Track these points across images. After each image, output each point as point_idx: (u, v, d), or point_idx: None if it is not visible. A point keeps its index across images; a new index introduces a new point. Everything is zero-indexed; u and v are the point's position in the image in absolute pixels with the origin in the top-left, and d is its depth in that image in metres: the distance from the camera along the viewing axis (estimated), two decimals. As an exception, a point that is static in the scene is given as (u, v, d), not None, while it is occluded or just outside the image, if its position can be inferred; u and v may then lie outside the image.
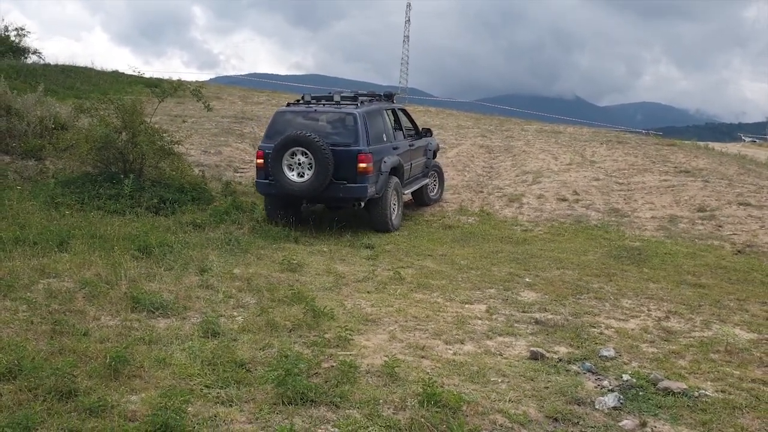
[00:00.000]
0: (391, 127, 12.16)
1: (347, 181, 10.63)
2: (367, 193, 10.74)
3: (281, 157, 10.51)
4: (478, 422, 4.58)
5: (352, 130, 10.82)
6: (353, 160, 10.61)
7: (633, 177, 16.13)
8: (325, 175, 10.38)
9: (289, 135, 10.54)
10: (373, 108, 11.67)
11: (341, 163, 10.51)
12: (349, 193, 10.74)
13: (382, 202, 11.13)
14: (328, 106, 11.37)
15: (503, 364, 5.80)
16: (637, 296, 8.27)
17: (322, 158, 10.34)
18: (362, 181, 10.65)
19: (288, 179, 10.54)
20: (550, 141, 21.22)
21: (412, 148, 12.82)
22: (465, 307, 7.46)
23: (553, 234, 12.18)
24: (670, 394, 5.26)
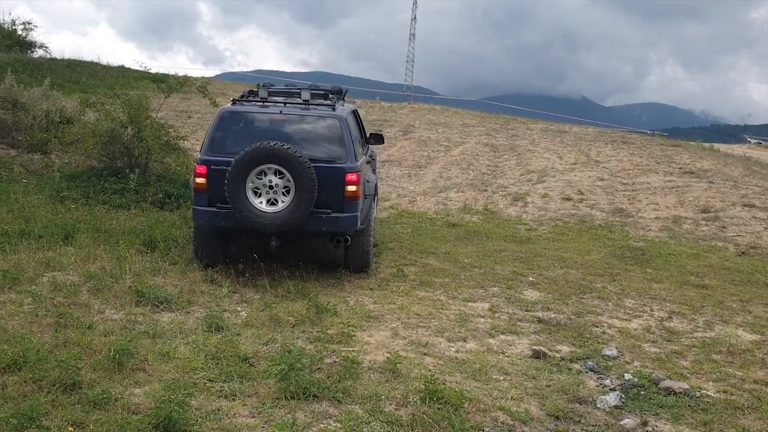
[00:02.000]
0: (358, 133, 9.23)
1: (331, 209, 7.70)
2: (357, 224, 7.89)
3: (245, 176, 7.41)
4: (480, 419, 4.60)
5: (338, 141, 7.94)
6: (340, 181, 7.69)
7: (638, 177, 16.12)
8: (308, 203, 7.46)
9: (259, 147, 7.42)
10: (350, 110, 9.08)
11: (323, 185, 7.54)
12: (335, 225, 7.79)
13: (365, 234, 8.34)
14: (295, 107, 8.33)
15: (505, 362, 5.82)
16: (640, 296, 8.27)
17: (306, 179, 7.39)
18: (351, 208, 7.78)
19: (254, 208, 7.45)
20: (556, 140, 21.20)
21: (371, 160, 9.80)
22: (468, 305, 7.48)
23: (557, 233, 12.18)
24: (672, 394, 5.28)
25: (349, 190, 7.68)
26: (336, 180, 7.64)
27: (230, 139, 7.90)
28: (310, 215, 7.54)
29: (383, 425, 4.34)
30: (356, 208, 7.80)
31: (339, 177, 7.65)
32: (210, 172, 7.63)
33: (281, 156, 7.37)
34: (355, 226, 7.84)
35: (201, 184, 7.69)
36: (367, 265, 8.47)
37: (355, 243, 8.24)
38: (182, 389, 4.45)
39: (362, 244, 8.32)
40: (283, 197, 7.51)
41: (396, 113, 25.82)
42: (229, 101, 8.65)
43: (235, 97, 8.74)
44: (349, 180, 7.67)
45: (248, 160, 7.36)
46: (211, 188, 7.62)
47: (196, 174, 7.72)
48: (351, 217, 7.75)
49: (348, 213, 7.72)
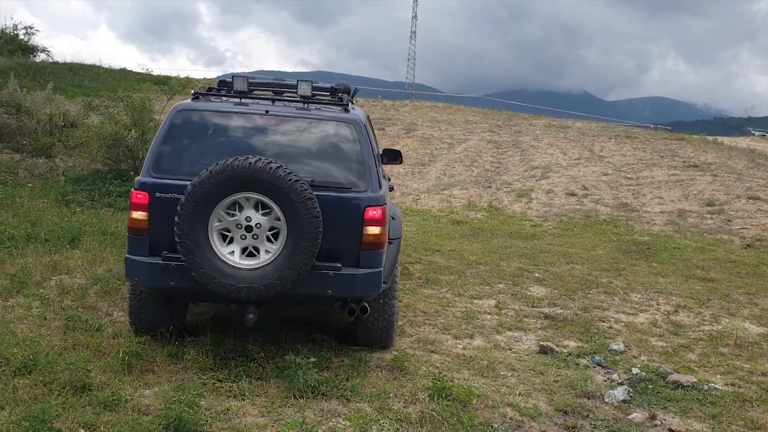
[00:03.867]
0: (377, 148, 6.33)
1: (342, 262, 5.06)
2: (380, 284, 5.21)
3: (207, 212, 4.83)
4: (488, 415, 4.61)
5: (353, 158, 5.27)
6: (356, 219, 5.08)
7: (641, 172, 16.11)
8: (308, 253, 4.84)
9: (230, 166, 4.77)
10: (367, 115, 6.28)
11: (330, 226, 4.95)
12: (347, 288, 5.13)
13: (387, 297, 5.64)
14: (289, 105, 5.64)
15: (513, 358, 5.83)
16: (646, 290, 8.27)
17: (305, 217, 4.81)
18: (372, 261, 5.14)
19: (222, 261, 4.87)
20: (559, 136, 21.19)
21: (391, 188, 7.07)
22: (474, 303, 7.49)
23: (562, 229, 12.18)
24: (680, 388, 5.28)
25: (370, 233, 5.04)
26: (351, 218, 5.02)
27: (188, 152, 5.24)
28: (310, 272, 4.89)
29: (392, 423, 4.35)
30: (379, 260, 5.14)
31: (355, 213, 5.02)
32: (153, 204, 4.97)
33: (266, 179, 4.71)
34: (377, 289, 5.14)
35: (139, 221, 5.02)
36: (388, 341, 5.80)
37: (374, 310, 5.55)
38: (192, 390, 4.47)
39: (383, 311, 5.61)
40: (268, 244, 4.88)
41: (398, 111, 25.83)
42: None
43: (199, 89, 6.02)
44: (370, 218, 5.02)
45: (213, 185, 4.72)
46: (154, 228, 4.97)
47: (132, 206, 5.05)
48: (372, 275, 5.06)
49: (368, 268, 5.05)
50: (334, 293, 5.07)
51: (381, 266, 5.16)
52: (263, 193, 4.80)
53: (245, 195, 4.84)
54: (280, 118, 5.37)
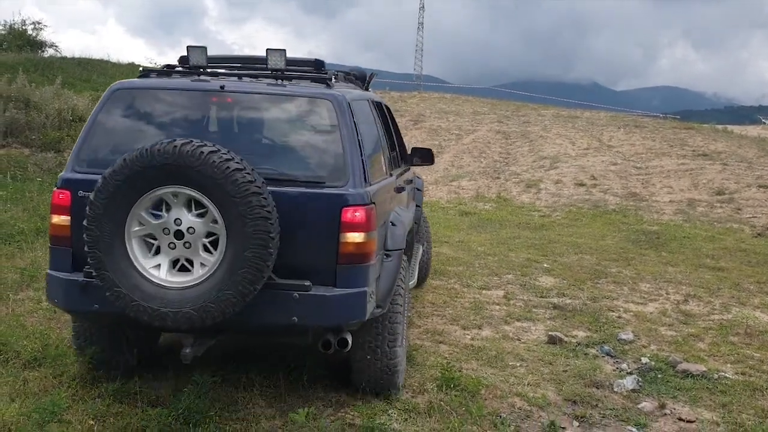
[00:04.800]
0: (385, 139, 5.46)
1: (312, 279, 3.96)
2: (365, 310, 4.05)
3: (124, 212, 3.76)
4: (497, 405, 4.60)
5: (330, 144, 4.18)
6: (330, 223, 3.98)
7: (651, 161, 16.03)
8: (255, 267, 3.68)
9: (149, 152, 3.69)
10: (363, 96, 5.08)
11: (297, 231, 3.97)
12: (319, 314, 3.96)
13: (386, 326, 4.49)
14: (259, 81, 4.48)
15: (521, 348, 5.82)
16: (656, 280, 8.24)
17: (250, 219, 3.67)
18: (353, 278, 4.00)
19: (143, 277, 3.77)
20: (567, 126, 21.11)
21: (408, 183, 6.21)
22: (482, 293, 7.48)
23: (571, 219, 12.15)
24: (689, 377, 5.26)
25: (349, 242, 3.92)
26: (323, 221, 3.93)
27: (122, 140, 4.16)
28: (267, 294, 3.78)
29: (400, 413, 4.35)
30: (363, 277, 3.98)
31: (329, 215, 3.93)
32: (76, 205, 4.00)
33: (196, 169, 3.62)
34: (360, 315, 3.98)
35: (60, 227, 4.09)
36: (391, 383, 4.56)
37: (368, 345, 4.42)
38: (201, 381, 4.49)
39: (381, 346, 4.42)
40: (204, 255, 3.75)
41: (406, 103, 25.78)
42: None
43: (149, 66, 5.06)
44: (349, 221, 3.91)
45: (129, 178, 3.68)
46: (78, 236, 3.89)
47: (52, 208, 4.13)
48: (352, 296, 3.93)
49: (347, 288, 3.93)
50: (301, 321, 3.80)
51: (366, 285, 3.92)
52: (194, 187, 3.65)
53: (172, 190, 3.69)
54: (240, 95, 4.26)
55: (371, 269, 4.04)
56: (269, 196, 3.70)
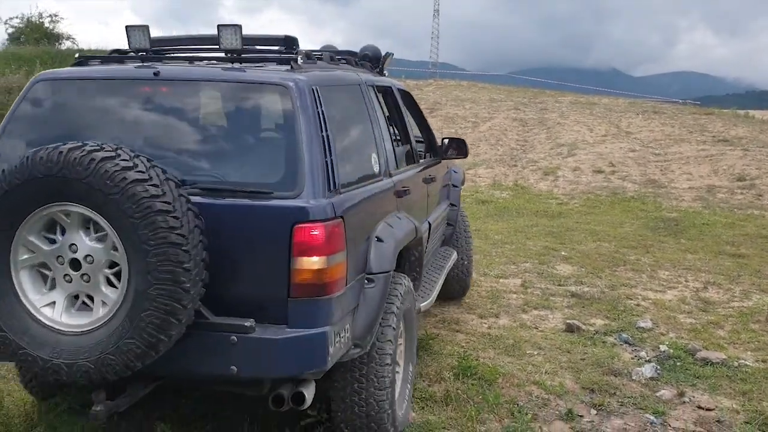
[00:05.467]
0: (387, 131, 4.43)
1: (257, 316, 3.05)
2: (327, 357, 3.07)
3: (9, 237, 2.96)
4: (514, 393, 4.60)
5: (280, 142, 3.31)
6: (278, 243, 3.05)
7: (670, 147, 15.88)
8: (161, 307, 2.79)
9: (30, 161, 2.87)
10: (338, 78, 4.04)
11: (236, 256, 3.09)
12: (264, 362, 3.05)
13: (371, 369, 3.56)
14: (213, 66, 3.65)
15: (539, 336, 5.80)
16: (675, 267, 8.17)
17: (151, 242, 2.78)
18: (310, 317, 3.07)
19: (34, 319, 2.97)
20: (585, 113, 20.94)
21: (428, 182, 5.29)
22: (499, 282, 7.45)
23: (589, 206, 12.08)
24: (709, 365, 5.22)
25: (302, 269, 3.04)
26: (269, 242, 3.09)
27: (43, 140, 3.15)
28: (196, 336, 3.03)
29: (417, 402, 4.36)
30: (324, 313, 3.10)
31: (276, 234, 3.07)
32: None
33: (85, 180, 2.84)
34: (320, 363, 3.09)
35: None
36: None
37: (347, 393, 3.57)
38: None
39: (363, 394, 3.56)
40: (106, 290, 2.97)
41: (422, 91, 25.69)
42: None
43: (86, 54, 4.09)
44: (303, 242, 3.04)
45: (9, 195, 2.94)
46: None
47: None
48: (308, 338, 3.05)
49: (301, 328, 3.05)
50: (241, 371, 2.99)
51: (328, 323, 3.04)
52: (86, 204, 2.86)
53: (62, 208, 2.91)
54: (177, 83, 3.43)
55: (336, 302, 3.09)
56: (187, 215, 2.84)
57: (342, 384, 3.55)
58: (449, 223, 6.15)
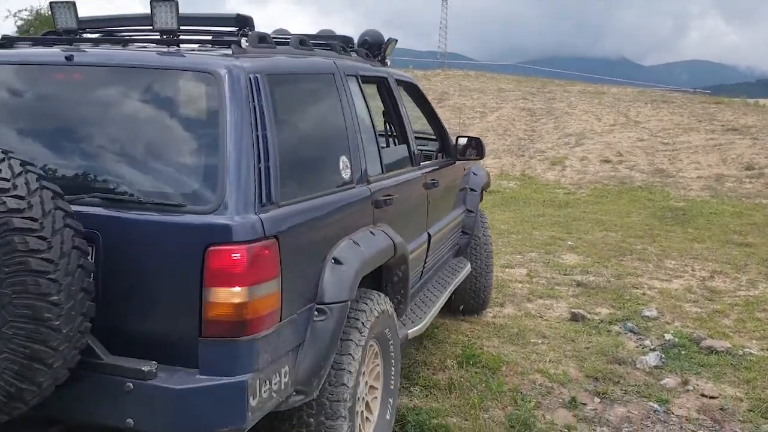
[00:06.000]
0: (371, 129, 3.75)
1: (161, 358, 2.43)
2: (246, 413, 2.40)
3: None
4: (518, 382, 4.62)
5: (200, 144, 2.64)
6: (188, 270, 2.42)
7: (678, 137, 15.82)
8: (22, 352, 2.20)
9: None
10: (298, 67, 3.28)
11: (138, 283, 2.48)
12: (164, 419, 2.40)
13: (319, 422, 2.90)
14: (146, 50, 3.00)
15: (543, 326, 5.81)
16: (681, 256, 8.16)
17: (5, 268, 2.17)
18: (226, 361, 2.42)
19: None
20: (594, 102, 20.87)
21: (431, 187, 4.53)
22: (505, 271, 7.46)
23: (596, 196, 12.06)
24: (714, 353, 5.22)
25: (218, 302, 2.42)
26: (177, 267, 2.47)
27: None
28: (88, 379, 2.44)
29: (421, 389, 4.38)
30: (246, 357, 2.45)
31: (186, 258, 2.44)
32: None
33: None
34: (236, 420, 2.41)
35: None
36: None
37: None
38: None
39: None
40: None
41: (430, 81, 25.65)
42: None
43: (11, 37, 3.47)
44: (217, 269, 2.40)
45: None
46: None
47: None
48: (222, 389, 2.40)
49: (214, 375, 2.41)
50: (139, 425, 2.41)
51: (250, 369, 2.43)
52: None
53: None
54: (91, 69, 2.85)
55: (263, 343, 2.48)
56: (62, 233, 2.26)
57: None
58: (464, 231, 5.52)
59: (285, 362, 2.62)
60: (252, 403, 2.42)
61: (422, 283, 4.52)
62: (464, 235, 5.54)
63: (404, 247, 3.56)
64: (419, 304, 4.37)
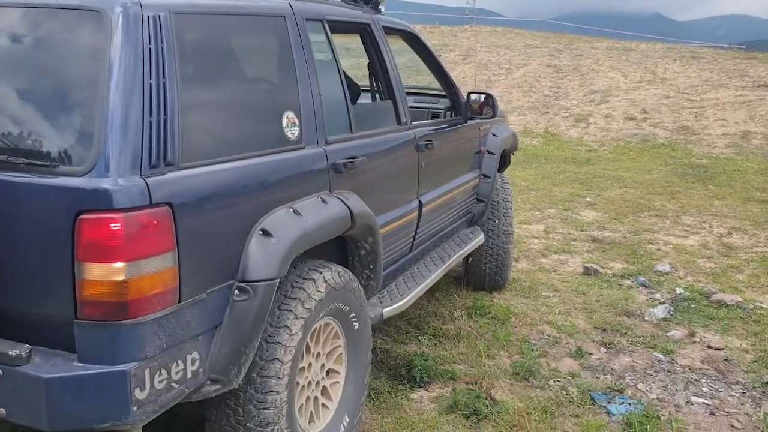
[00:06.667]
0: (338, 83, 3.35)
1: (36, 340, 2.18)
2: (129, 406, 2.09)
3: None
4: (526, 332, 4.72)
5: (80, 93, 2.24)
6: (60, 241, 2.09)
7: (706, 93, 15.56)
8: None
9: None
10: (228, 8, 2.78)
11: (10, 253, 2.18)
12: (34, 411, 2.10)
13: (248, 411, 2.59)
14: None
15: (556, 279, 5.90)
16: (700, 213, 8.15)
17: None
18: (105, 347, 2.10)
19: None
20: (621, 59, 20.51)
21: (424, 149, 4.00)
22: (522, 227, 7.52)
23: (618, 153, 12.00)
24: (723, 307, 5.27)
25: (92, 279, 2.08)
26: (48, 238, 2.15)
27: None
28: None
29: (430, 338, 4.50)
30: (130, 342, 2.11)
31: (57, 227, 2.12)
32: None
33: None
34: (118, 415, 2.10)
35: None
36: None
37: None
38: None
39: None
40: None
41: (456, 37, 25.36)
42: None
43: None
44: (90, 240, 2.06)
45: None
46: None
47: None
48: (100, 378, 2.09)
49: (93, 363, 2.10)
50: (12, 416, 2.16)
51: (135, 358, 2.12)
52: None
53: None
54: None
55: (155, 327, 2.16)
56: None
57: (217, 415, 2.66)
58: (479, 199, 5.08)
59: (192, 348, 2.30)
60: (139, 396, 2.10)
61: (414, 255, 4.19)
62: (479, 203, 5.09)
63: (368, 216, 3.14)
64: (407, 280, 4.02)
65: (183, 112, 2.28)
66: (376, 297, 3.66)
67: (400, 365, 4.08)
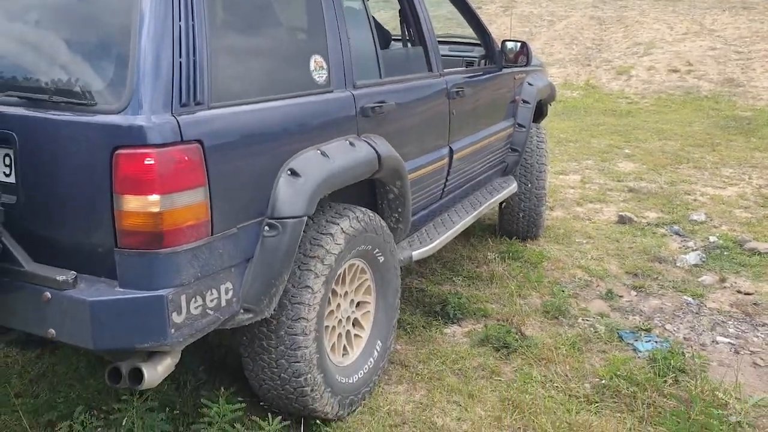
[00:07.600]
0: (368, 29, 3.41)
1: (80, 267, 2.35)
2: (167, 328, 2.25)
3: None
4: (558, 275, 4.86)
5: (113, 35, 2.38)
6: (99, 175, 2.24)
7: (755, 45, 15.18)
8: None
9: None
10: None
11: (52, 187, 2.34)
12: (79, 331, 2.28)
13: (280, 337, 2.80)
14: None
15: (590, 227, 5.99)
16: (740, 165, 8.11)
17: None
18: (143, 274, 2.26)
19: None
20: (667, 10, 20.03)
21: (455, 96, 4.02)
22: (559, 178, 7.59)
23: (660, 106, 11.88)
24: (756, 254, 5.32)
25: (129, 211, 2.23)
26: (87, 172, 2.29)
27: None
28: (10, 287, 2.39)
29: (464, 280, 4.67)
30: (165, 270, 2.27)
31: (95, 162, 2.26)
32: None
33: None
34: (156, 336, 2.27)
35: None
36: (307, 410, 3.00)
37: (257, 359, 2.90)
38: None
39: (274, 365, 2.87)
40: None
41: (497, -11, 24.98)
42: None
43: None
44: (127, 174, 2.21)
45: None
46: None
47: None
48: (138, 303, 2.26)
49: (131, 289, 2.28)
50: (61, 336, 2.33)
51: (171, 284, 2.26)
52: None
53: None
54: None
55: (189, 256, 2.30)
56: None
57: (250, 346, 2.86)
58: (513, 148, 5.13)
59: (225, 278, 2.44)
60: (176, 319, 2.27)
61: (445, 202, 4.25)
62: (513, 152, 5.14)
63: (395, 160, 3.22)
64: (437, 225, 4.13)
65: (212, 55, 2.37)
66: (406, 241, 3.74)
67: (434, 303, 4.27)
